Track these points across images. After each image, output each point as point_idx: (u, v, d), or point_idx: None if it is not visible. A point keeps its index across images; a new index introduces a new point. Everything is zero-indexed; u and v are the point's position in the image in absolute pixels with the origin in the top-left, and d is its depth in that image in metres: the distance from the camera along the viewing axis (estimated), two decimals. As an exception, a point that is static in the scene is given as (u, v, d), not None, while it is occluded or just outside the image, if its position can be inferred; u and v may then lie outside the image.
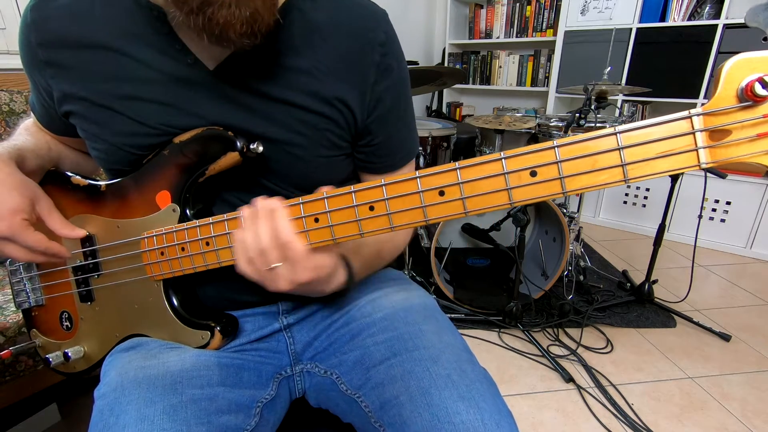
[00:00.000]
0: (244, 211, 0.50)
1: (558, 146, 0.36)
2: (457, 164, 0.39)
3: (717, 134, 0.33)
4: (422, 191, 0.41)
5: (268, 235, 0.47)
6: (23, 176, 0.60)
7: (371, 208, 0.44)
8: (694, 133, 0.34)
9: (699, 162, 0.34)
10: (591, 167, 0.36)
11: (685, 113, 0.34)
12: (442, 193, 0.40)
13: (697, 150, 0.34)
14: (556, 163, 0.37)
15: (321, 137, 0.60)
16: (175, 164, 0.57)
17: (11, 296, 0.72)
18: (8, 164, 0.59)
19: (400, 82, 0.63)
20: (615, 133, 0.35)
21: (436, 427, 0.49)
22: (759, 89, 0.31)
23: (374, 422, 0.56)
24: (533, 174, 0.37)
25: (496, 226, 1.88)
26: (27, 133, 0.68)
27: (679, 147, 0.34)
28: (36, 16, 0.57)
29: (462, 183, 0.39)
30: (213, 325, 0.60)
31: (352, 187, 0.44)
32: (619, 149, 0.35)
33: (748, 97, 0.32)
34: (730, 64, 0.32)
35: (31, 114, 0.70)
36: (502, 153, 0.37)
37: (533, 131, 2.22)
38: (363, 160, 0.66)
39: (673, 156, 0.34)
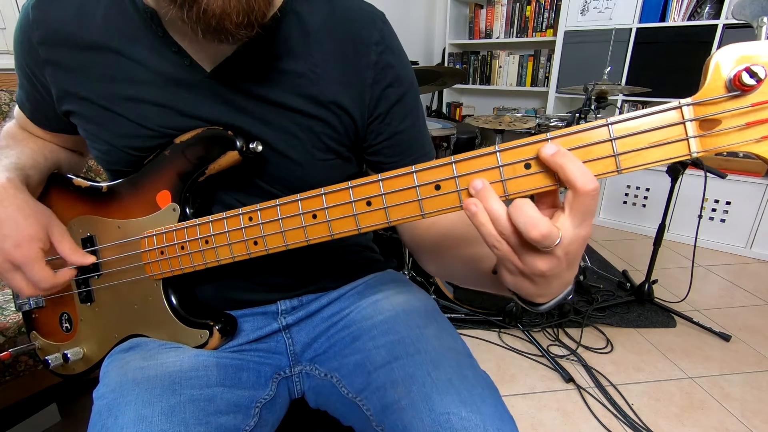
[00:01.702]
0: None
1: (551, 138, 0.36)
2: (452, 158, 0.39)
3: (707, 124, 0.34)
4: (418, 186, 0.41)
5: None
6: (36, 202, 0.60)
7: (368, 203, 0.44)
8: (684, 123, 0.34)
9: (690, 151, 0.34)
10: (584, 158, 0.36)
11: (675, 103, 0.34)
12: (438, 187, 0.41)
13: (687, 139, 0.34)
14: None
15: (316, 141, 0.59)
16: (176, 164, 0.57)
17: (11, 296, 0.72)
18: (22, 190, 0.58)
19: (403, 81, 0.62)
20: (607, 125, 0.35)
21: None
22: (746, 78, 0.31)
23: (375, 426, 0.56)
24: (527, 166, 0.37)
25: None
26: (15, 143, 0.66)
27: (671, 137, 0.34)
28: (38, 15, 0.57)
29: (458, 177, 0.40)
30: (212, 324, 0.60)
31: (349, 183, 0.44)
32: (611, 140, 0.35)
33: (736, 87, 0.32)
34: (717, 55, 0.33)
35: (13, 115, 0.69)
36: (496, 146, 0.38)
37: (533, 131, 2.22)
38: (374, 162, 0.65)
39: (664, 146, 0.34)
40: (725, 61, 0.33)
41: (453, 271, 0.61)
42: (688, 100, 0.34)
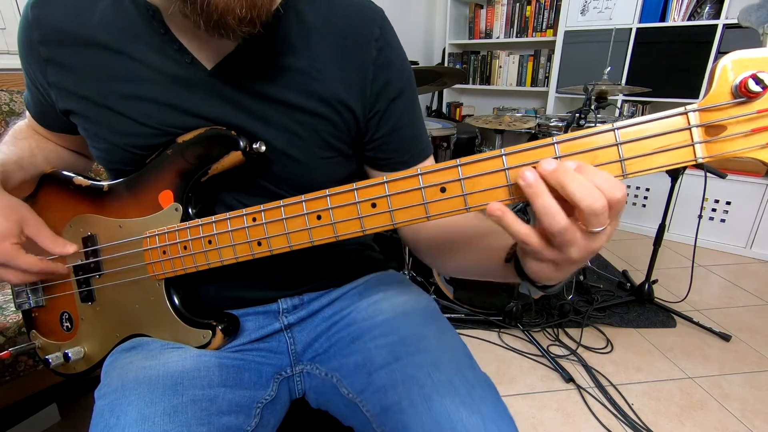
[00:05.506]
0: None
1: (557, 142, 0.36)
2: (458, 161, 0.39)
3: (712, 129, 0.34)
4: (424, 187, 0.41)
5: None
6: (8, 198, 0.59)
7: (373, 205, 0.44)
8: (690, 129, 0.34)
9: (695, 157, 0.34)
10: (590, 163, 0.36)
11: (681, 109, 0.34)
12: (443, 190, 0.41)
13: (693, 145, 0.34)
14: (556, 159, 0.37)
15: (318, 138, 0.59)
16: (178, 164, 0.57)
17: (11, 296, 0.72)
18: None
19: (401, 76, 0.62)
20: (613, 129, 0.35)
21: None
22: (752, 85, 0.32)
23: (375, 427, 0.56)
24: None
25: (496, 226, 1.88)
26: (12, 140, 0.67)
27: (676, 142, 0.35)
28: (37, 14, 0.57)
29: (463, 179, 0.40)
30: (215, 324, 0.60)
31: (354, 185, 0.44)
32: (617, 145, 0.35)
33: (742, 94, 0.32)
34: (724, 62, 0.33)
35: (26, 113, 0.70)
36: (502, 149, 0.38)
37: (533, 131, 2.22)
38: (371, 158, 0.66)
39: (670, 151, 0.35)
40: (731, 67, 0.33)
41: (461, 266, 0.61)
42: (694, 105, 0.34)
